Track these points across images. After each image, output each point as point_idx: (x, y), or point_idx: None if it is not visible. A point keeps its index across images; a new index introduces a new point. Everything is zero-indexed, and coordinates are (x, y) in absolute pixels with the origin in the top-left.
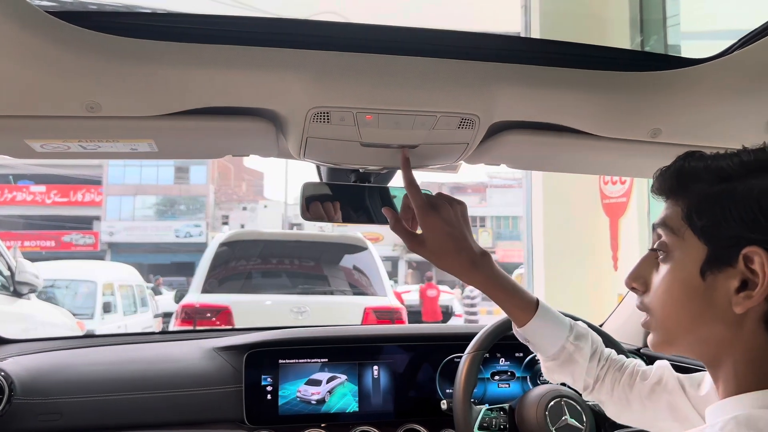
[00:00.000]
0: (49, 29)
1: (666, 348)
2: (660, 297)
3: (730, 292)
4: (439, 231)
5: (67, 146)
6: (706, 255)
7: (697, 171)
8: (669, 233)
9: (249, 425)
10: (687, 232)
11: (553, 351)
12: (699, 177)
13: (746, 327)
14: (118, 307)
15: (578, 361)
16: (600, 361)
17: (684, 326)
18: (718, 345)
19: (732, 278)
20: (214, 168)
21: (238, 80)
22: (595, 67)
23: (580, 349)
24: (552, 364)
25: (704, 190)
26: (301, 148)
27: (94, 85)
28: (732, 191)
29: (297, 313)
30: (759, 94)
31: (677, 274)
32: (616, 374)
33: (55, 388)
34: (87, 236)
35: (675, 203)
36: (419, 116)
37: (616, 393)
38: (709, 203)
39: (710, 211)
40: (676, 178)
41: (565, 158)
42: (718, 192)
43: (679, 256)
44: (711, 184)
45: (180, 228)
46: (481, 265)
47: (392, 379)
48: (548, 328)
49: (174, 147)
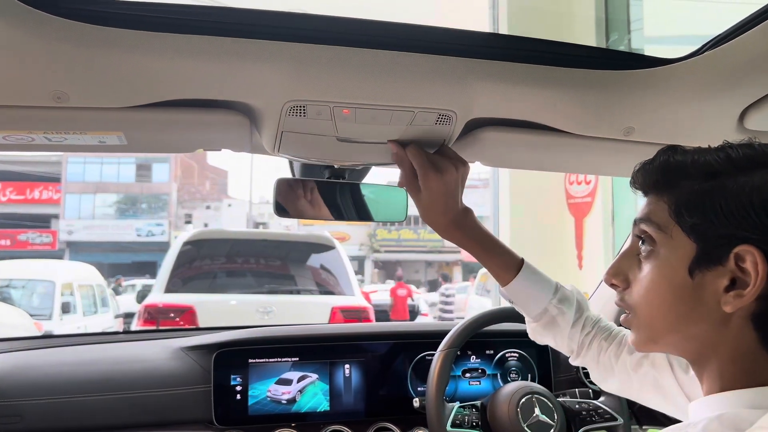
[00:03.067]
0: (14, 14)
1: (650, 347)
2: (645, 295)
3: (719, 291)
4: (435, 192)
5: (31, 138)
6: (696, 253)
7: (683, 166)
8: (655, 229)
9: (218, 426)
10: (675, 228)
11: (536, 312)
12: (686, 172)
13: (732, 325)
14: (77, 308)
15: (560, 325)
16: (585, 327)
17: (670, 325)
18: (704, 343)
19: (721, 277)
20: (177, 166)
21: (212, 72)
22: (570, 65)
23: (563, 312)
24: (535, 325)
25: (693, 186)
26: (275, 143)
27: (62, 74)
28: (722, 188)
29: (263, 313)
30: (730, 94)
31: (664, 272)
32: (603, 343)
33: (14, 390)
34: (44, 235)
35: (659, 198)
36: (396, 111)
37: (602, 360)
38: (698, 200)
39: (700, 208)
40: (661, 173)
41: (540, 156)
42: (708, 189)
43: (666, 254)
44: (699, 180)
45: (142, 227)
46: (462, 224)
47: (364, 377)
48: (531, 289)
49: (144, 140)
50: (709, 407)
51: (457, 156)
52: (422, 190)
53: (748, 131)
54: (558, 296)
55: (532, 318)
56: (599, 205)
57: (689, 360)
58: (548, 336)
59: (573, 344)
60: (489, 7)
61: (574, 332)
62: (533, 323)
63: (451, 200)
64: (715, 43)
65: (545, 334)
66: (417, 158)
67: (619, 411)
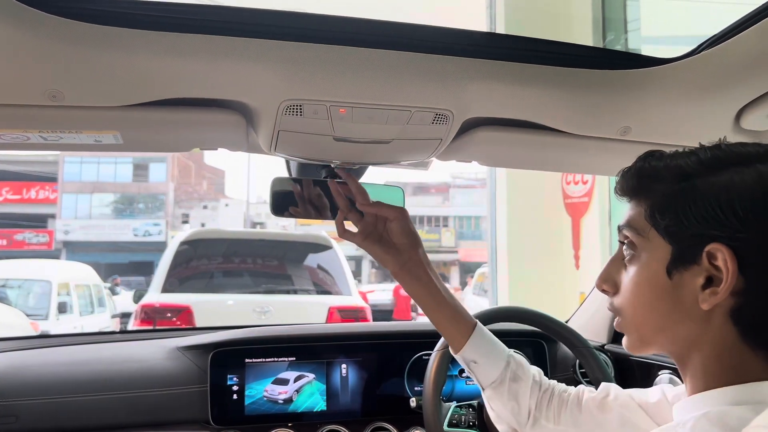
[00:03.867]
0: (9, 13)
1: (641, 348)
2: (629, 298)
3: (697, 290)
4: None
5: (26, 137)
6: (671, 254)
7: (657, 170)
8: (634, 234)
9: (215, 426)
10: (651, 231)
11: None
12: (659, 176)
13: (714, 323)
14: (74, 308)
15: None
16: (542, 386)
17: (655, 326)
18: (688, 342)
19: (697, 275)
20: (174, 165)
21: (208, 71)
22: (567, 64)
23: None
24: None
25: (665, 189)
26: (272, 142)
27: (57, 72)
28: (692, 189)
29: (260, 312)
30: (726, 93)
31: (644, 275)
32: (563, 395)
33: (10, 390)
34: (41, 235)
35: (638, 203)
36: (393, 111)
37: (563, 417)
38: (670, 202)
39: (672, 210)
40: (637, 178)
41: (537, 155)
42: (678, 190)
43: (645, 257)
44: (671, 183)
45: (139, 227)
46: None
47: (360, 377)
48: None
49: (140, 139)
50: (694, 406)
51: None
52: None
53: (745, 131)
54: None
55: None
56: (596, 205)
57: (675, 360)
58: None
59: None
60: (486, 7)
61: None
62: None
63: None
64: (712, 43)
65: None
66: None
67: None
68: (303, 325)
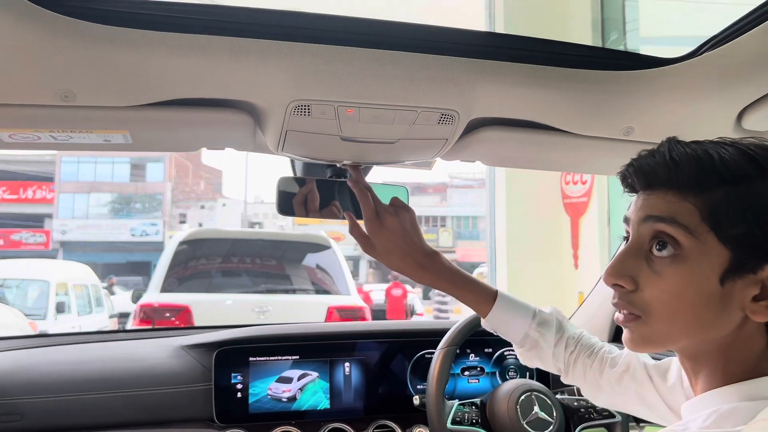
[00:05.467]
0: (22, 13)
1: (645, 348)
2: (668, 301)
3: (747, 300)
4: (385, 240)
5: (37, 136)
6: (730, 261)
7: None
8: (683, 233)
9: (219, 424)
10: (709, 235)
11: (518, 338)
12: (717, 172)
13: (747, 329)
14: (72, 307)
15: (543, 347)
16: (568, 347)
17: (689, 331)
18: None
19: (751, 286)
20: (171, 165)
21: (217, 71)
22: (571, 65)
23: (544, 335)
24: (521, 350)
25: (727, 190)
26: (279, 142)
27: (69, 73)
28: (756, 195)
29: (259, 312)
30: (728, 94)
31: (693, 279)
32: (587, 360)
33: (14, 389)
34: (38, 234)
35: (682, 198)
36: (400, 111)
37: (588, 377)
38: (737, 206)
39: (740, 215)
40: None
41: (540, 155)
42: (743, 193)
43: (696, 260)
44: (732, 184)
45: (136, 226)
46: (429, 266)
47: (364, 375)
48: (509, 316)
49: (148, 139)
50: (703, 404)
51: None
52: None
53: (746, 131)
54: (537, 320)
55: (516, 344)
56: (595, 204)
57: (688, 359)
58: (535, 359)
59: (559, 364)
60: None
61: (558, 352)
62: (518, 348)
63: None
64: (714, 43)
65: (532, 358)
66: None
67: None
68: (307, 323)
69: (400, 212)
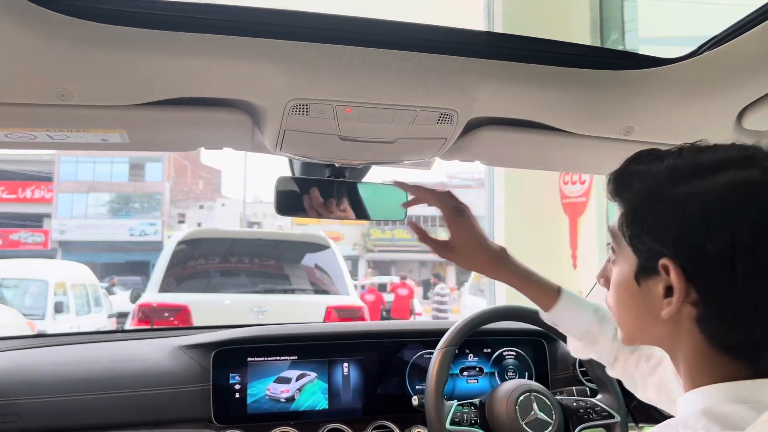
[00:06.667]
0: (19, 12)
1: (631, 342)
2: (611, 298)
3: (660, 298)
4: (467, 236)
5: (33, 136)
6: (637, 264)
7: (631, 176)
8: (613, 238)
9: (217, 424)
10: (623, 240)
11: (579, 333)
12: (630, 184)
13: (683, 327)
14: (70, 307)
15: (601, 342)
16: (616, 341)
17: (634, 325)
18: (667, 342)
19: (659, 285)
20: (170, 165)
21: (215, 70)
22: (571, 64)
23: (604, 330)
24: (579, 344)
25: (633, 199)
26: (277, 141)
27: (66, 72)
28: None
29: (257, 312)
30: (728, 94)
31: (619, 279)
32: (628, 356)
33: (11, 389)
34: (36, 234)
35: (619, 208)
36: (399, 110)
37: (627, 371)
38: (636, 214)
39: (636, 222)
40: (614, 183)
41: (540, 155)
42: (643, 202)
43: (620, 262)
44: (638, 193)
45: (135, 226)
46: (504, 260)
47: (362, 376)
48: (574, 313)
49: (146, 138)
50: (694, 401)
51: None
52: (453, 237)
53: (747, 131)
54: (598, 316)
55: (575, 338)
56: (594, 205)
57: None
58: (591, 352)
59: (610, 357)
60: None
61: (613, 346)
62: (576, 342)
63: (482, 240)
64: (714, 43)
65: (587, 351)
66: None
67: (616, 409)
68: (305, 324)
69: (464, 209)
